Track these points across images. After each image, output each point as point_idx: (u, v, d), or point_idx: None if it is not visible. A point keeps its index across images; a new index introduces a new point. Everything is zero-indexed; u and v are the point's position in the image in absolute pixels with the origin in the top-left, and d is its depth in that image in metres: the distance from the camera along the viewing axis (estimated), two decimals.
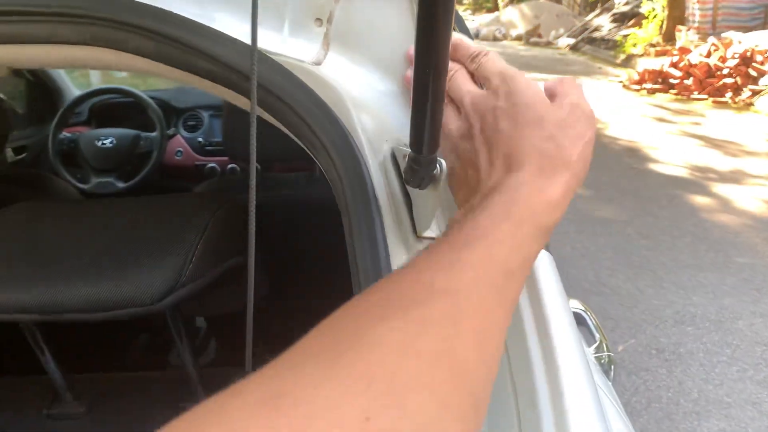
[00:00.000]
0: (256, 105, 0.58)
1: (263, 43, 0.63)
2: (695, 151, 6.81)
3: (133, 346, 1.87)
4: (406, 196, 0.62)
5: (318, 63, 0.65)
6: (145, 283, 0.80)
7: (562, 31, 19.05)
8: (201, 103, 2.98)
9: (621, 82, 11.00)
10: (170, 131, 2.86)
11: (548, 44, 18.62)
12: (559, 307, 0.57)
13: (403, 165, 0.60)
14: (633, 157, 6.66)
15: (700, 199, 5.37)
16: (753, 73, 9.00)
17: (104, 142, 2.65)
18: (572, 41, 17.38)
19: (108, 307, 0.80)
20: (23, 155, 2.74)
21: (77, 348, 1.25)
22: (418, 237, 0.61)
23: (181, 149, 2.86)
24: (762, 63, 9.03)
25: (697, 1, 13.17)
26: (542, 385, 0.54)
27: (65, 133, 2.73)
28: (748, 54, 9.24)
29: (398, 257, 0.60)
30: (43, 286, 0.81)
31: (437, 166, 0.55)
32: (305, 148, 0.67)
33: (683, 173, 6.10)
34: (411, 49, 0.62)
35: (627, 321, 3.43)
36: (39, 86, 2.91)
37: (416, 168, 0.55)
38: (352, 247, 0.60)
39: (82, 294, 0.81)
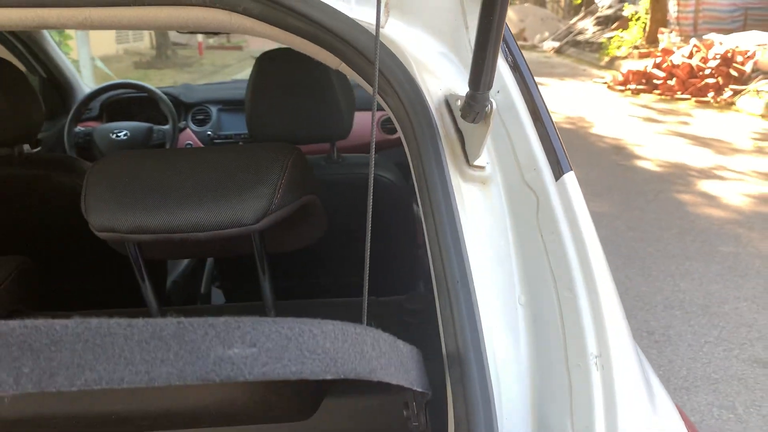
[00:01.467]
0: (336, 62, 0.70)
1: (336, 7, 0.76)
2: (679, 149, 7.01)
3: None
4: (459, 133, 0.75)
5: (382, 26, 0.77)
6: (242, 207, 0.95)
7: (547, 34, 19.32)
8: (209, 98, 3.09)
9: (605, 83, 11.22)
10: (180, 125, 2.96)
11: (533, 48, 18.87)
12: (585, 213, 0.70)
13: (455, 109, 0.73)
14: (619, 155, 6.84)
15: (685, 194, 5.54)
16: (734, 73, 9.24)
17: (118, 134, 2.75)
18: (557, 44, 17.64)
19: (213, 227, 0.94)
20: (38, 148, 2.84)
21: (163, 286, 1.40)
22: (471, 165, 0.74)
23: (190, 142, 2.96)
24: (742, 63, 9.28)
25: (678, 4, 13.47)
26: (576, 272, 0.67)
27: (79, 127, 2.83)
28: (729, 55, 9.49)
29: (456, 181, 0.73)
30: (160, 211, 0.96)
31: (489, 103, 0.68)
32: (378, 94, 0.80)
33: (668, 169, 6.28)
34: None
35: None
36: (52, 82, 3.01)
37: (472, 104, 0.68)
38: (420, 170, 0.73)
39: (192, 217, 0.96)
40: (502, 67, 0.79)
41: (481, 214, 0.73)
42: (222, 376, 0.44)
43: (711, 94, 9.33)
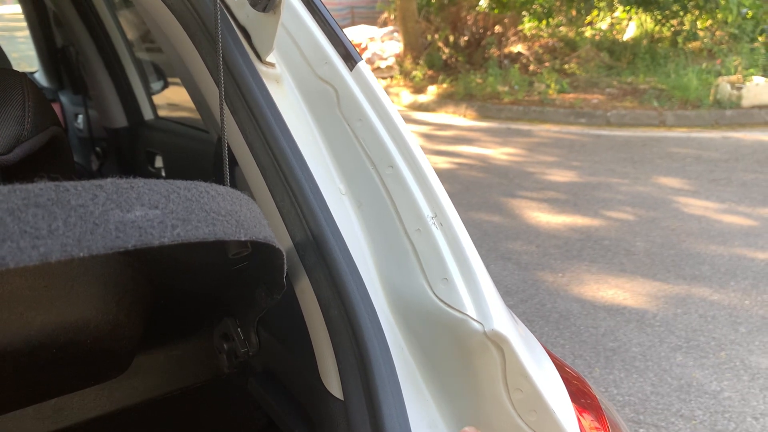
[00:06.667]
0: None
1: None
2: None
3: None
4: (241, 29, 0.69)
5: None
6: None
7: None
8: None
9: None
10: None
11: None
12: (385, 96, 0.72)
13: (233, 4, 0.68)
14: None
15: None
16: None
17: None
18: None
19: None
20: None
21: None
22: (264, 62, 0.69)
23: None
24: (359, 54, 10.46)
25: None
26: (393, 148, 0.69)
27: None
28: None
29: (245, 76, 0.68)
30: None
31: None
32: None
33: None
34: None
35: None
36: None
37: None
38: (218, 65, 0.65)
39: None
40: None
41: (284, 112, 0.70)
42: (133, 242, 0.34)
43: None
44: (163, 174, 1.82)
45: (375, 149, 0.70)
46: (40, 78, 2.95)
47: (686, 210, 4.73)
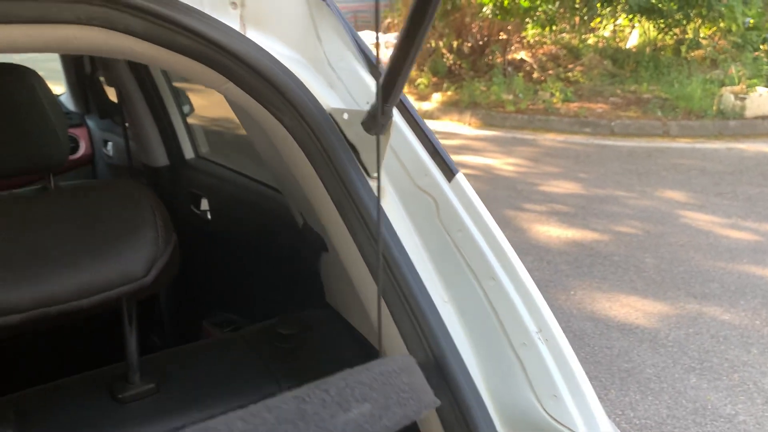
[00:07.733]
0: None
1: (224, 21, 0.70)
2: None
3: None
4: (352, 147, 0.74)
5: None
6: (129, 258, 0.76)
7: None
8: None
9: None
10: None
11: None
12: (483, 208, 0.77)
13: (341, 122, 0.73)
14: None
15: None
16: None
17: None
18: None
19: (100, 289, 0.74)
20: None
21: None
22: (371, 177, 0.75)
23: None
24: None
25: None
26: (494, 261, 0.74)
27: None
28: None
29: (359, 190, 0.73)
30: (28, 281, 0.69)
31: (392, 115, 0.70)
32: (267, 109, 0.74)
33: None
34: None
35: None
36: None
37: (380, 116, 0.69)
38: (337, 181, 0.70)
39: (71, 281, 0.72)
40: (367, 79, 0.80)
41: (395, 225, 0.75)
42: None
43: None
44: (209, 217, 1.86)
45: (476, 261, 0.75)
46: (67, 101, 2.98)
47: (693, 225, 4.79)
